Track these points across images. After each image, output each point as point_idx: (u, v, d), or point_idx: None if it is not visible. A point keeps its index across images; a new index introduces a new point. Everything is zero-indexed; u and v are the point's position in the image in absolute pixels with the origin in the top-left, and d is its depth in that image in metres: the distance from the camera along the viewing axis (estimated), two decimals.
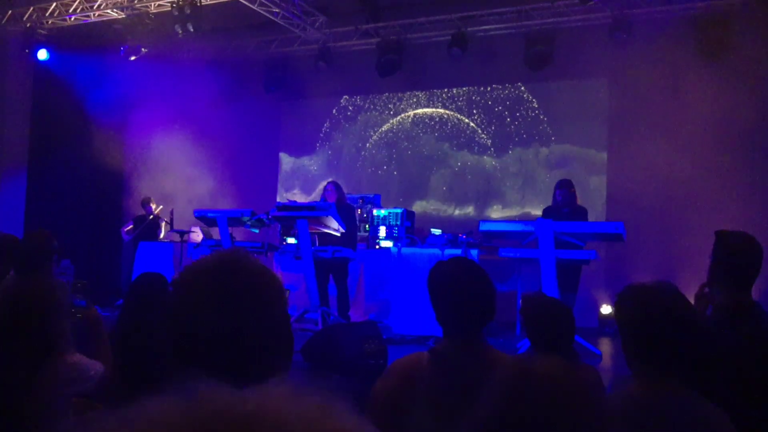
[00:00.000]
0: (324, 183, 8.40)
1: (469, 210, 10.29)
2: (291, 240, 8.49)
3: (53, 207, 10.20)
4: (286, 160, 11.70)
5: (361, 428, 0.47)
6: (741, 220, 5.69)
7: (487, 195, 10.30)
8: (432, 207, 10.57)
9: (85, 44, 10.32)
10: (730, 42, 8.20)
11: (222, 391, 0.48)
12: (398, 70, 10.16)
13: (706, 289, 2.80)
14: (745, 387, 2.46)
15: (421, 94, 10.84)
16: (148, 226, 9.84)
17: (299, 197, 10.94)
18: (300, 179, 11.56)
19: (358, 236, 8.68)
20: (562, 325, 2.79)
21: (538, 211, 8.43)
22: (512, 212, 9.92)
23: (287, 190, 11.47)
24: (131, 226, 10.00)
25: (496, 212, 10.08)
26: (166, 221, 9.67)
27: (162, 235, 9.93)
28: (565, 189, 7.41)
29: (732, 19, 8.21)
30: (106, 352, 3.13)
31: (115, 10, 9.82)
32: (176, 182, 10.39)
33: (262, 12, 9.47)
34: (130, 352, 3.34)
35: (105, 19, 10.06)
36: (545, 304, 2.87)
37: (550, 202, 7.79)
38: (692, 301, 2.08)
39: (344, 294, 7.65)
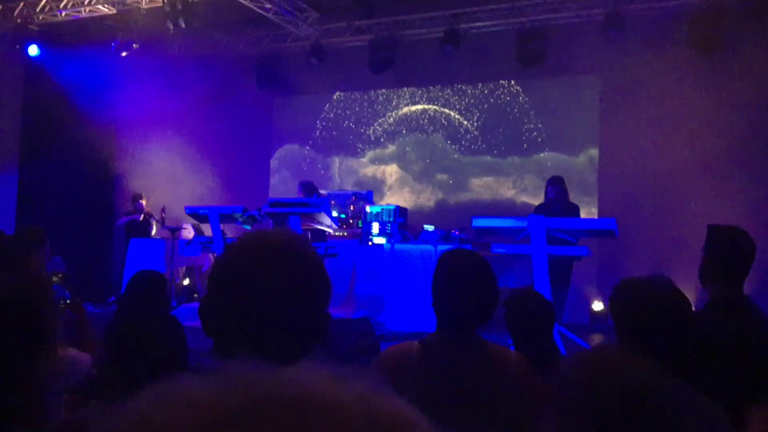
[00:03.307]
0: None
1: (462, 205, 10.29)
2: None
3: (45, 203, 10.13)
4: (278, 155, 11.67)
5: (410, 411, 0.46)
6: (733, 216, 5.71)
7: (479, 190, 10.30)
8: (425, 203, 10.57)
9: (76, 40, 10.24)
10: (722, 38, 8.23)
11: (265, 370, 0.46)
12: (391, 66, 10.15)
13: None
14: (737, 381, 2.46)
15: (413, 91, 10.83)
16: (140, 223, 9.80)
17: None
18: (292, 173, 11.53)
19: (352, 232, 8.68)
20: (540, 319, 2.80)
21: (530, 208, 8.45)
22: (504, 207, 9.92)
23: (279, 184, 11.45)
24: (127, 221, 9.98)
25: (488, 207, 10.08)
26: (157, 219, 9.63)
27: (153, 232, 9.89)
28: (557, 185, 7.44)
29: (724, 15, 8.24)
30: (92, 344, 3.12)
31: (106, 5, 9.75)
32: (167, 178, 10.35)
33: (254, 8, 9.43)
34: (126, 349, 3.33)
35: (96, 14, 9.99)
36: (524, 298, 2.89)
37: (542, 199, 7.82)
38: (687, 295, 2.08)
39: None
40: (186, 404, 0.43)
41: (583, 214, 8.22)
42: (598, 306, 8.67)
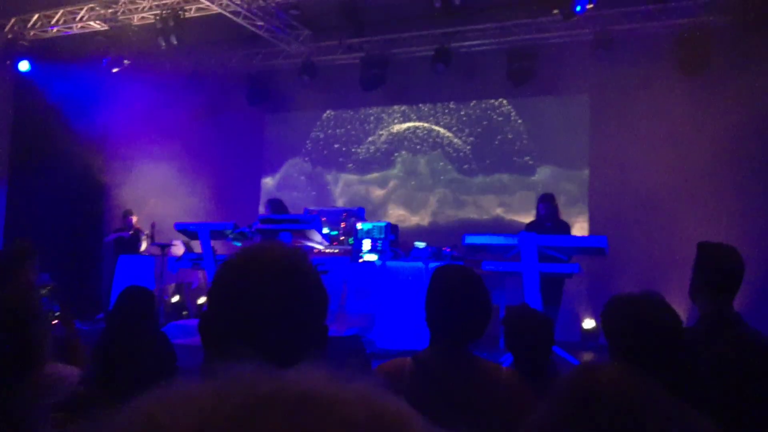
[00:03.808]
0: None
1: (452, 223, 10.30)
2: None
3: (33, 219, 10.07)
4: (270, 172, 11.66)
5: (409, 410, 0.47)
6: (723, 233, 5.75)
7: (469, 208, 10.32)
8: (415, 220, 10.58)
9: (68, 56, 10.24)
10: (710, 58, 8.35)
11: (266, 372, 0.47)
12: (382, 84, 10.20)
13: None
14: (727, 397, 2.47)
15: (404, 109, 10.88)
16: (128, 240, 9.75)
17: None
18: (283, 189, 11.53)
19: (342, 249, 8.67)
20: (541, 335, 2.80)
21: (520, 225, 8.47)
22: (495, 225, 9.94)
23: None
24: (115, 237, 9.93)
25: (478, 226, 10.09)
26: (147, 234, 9.57)
27: (143, 248, 9.83)
28: (547, 202, 7.47)
29: (711, 35, 8.36)
30: (81, 357, 3.09)
31: (98, 22, 9.76)
32: (157, 195, 10.31)
33: (246, 25, 9.48)
34: (115, 365, 3.30)
35: (88, 30, 10.00)
36: (525, 315, 2.89)
37: (533, 216, 7.84)
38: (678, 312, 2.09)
39: None
40: (190, 403, 0.43)
41: (574, 232, 8.25)
42: (589, 324, 8.67)
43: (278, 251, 1.19)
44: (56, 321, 3.42)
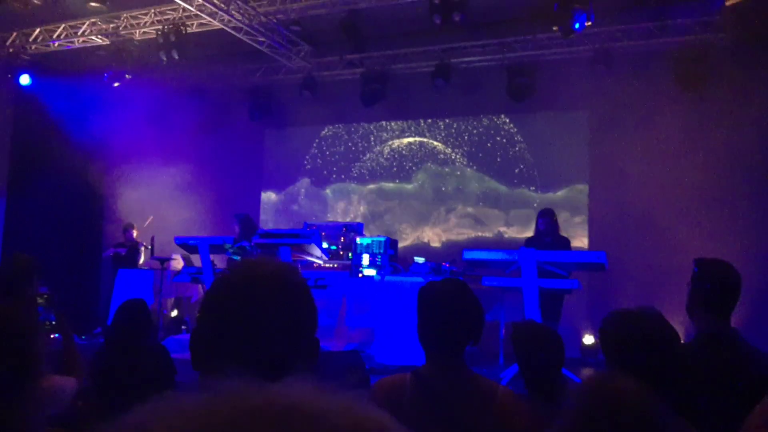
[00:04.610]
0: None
1: (452, 238, 10.31)
2: None
3: (33, 232, 10.07)
4: (268, 188, 11.68)
5: (391, 421, 0.49)
6: (720, 249, 5.75)
7: (468, 224, 10.33)
8: (415, 235, 10.58)
9: (69, 70, 10.30)
10: (707, 75, 8.40)
11: (255, 386, 0.48)
12: (382, 99, 10.25)
13: None
14: (724, 411, 2.46)
15: (404, 124, 10.92)
16: (128, 253, 9.74)
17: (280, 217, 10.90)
18: (283, 205, 11.54)
19: (342, 264, 8.66)
20: (552, 351, 2.79)
21: (519, 241, 8.47)
22: (495, 241, 9.95)
23: (273, 214, 11.44)
24: (112, 253, 9.91)
25: (477, 241, 10.10)
26: (146, 246, 9.56)
27: (141, 261, 9.82)
28: (547, 218, 7.47)
29: (708, 53, 8.42)
30: (78, 366, 3.07)
31: (99, 36, 9.82)
32: (158, 209, 10.31)
33: (247, 41, 9.53)
34: (114, 379, 3.28)
35: (89, 45, 10.06)
36: (536, 331, 2.88)
37: (532, 232, 7.84)
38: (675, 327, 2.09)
39: None
40: (181, 416, 0.45)
41: (573, 247, 8.24)
42: (588, 340, 8.64)
43: (268, 266, 1.19)
44: (54, 333, 3.40)
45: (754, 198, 8.19)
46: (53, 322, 3.40)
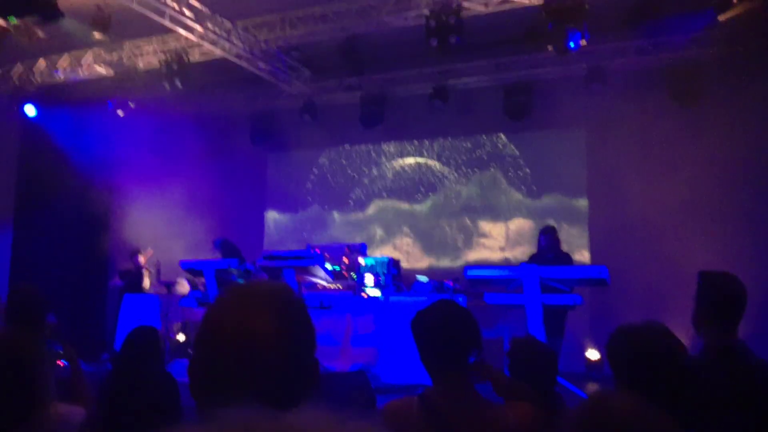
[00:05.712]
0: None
1: (454, 257, 10.38)
2: None
3: (39, 259, 10.14)
4: (272, 211, 11.77)
5: None
6: (722, 261, 5.80)
7: (470, 243, 10.40)
8: (417, 253, 10.64)
9: (73, 100, 10.43)
10: (701, 90, 8.53)
11: (267, 415, 0.47)
12: (381, 121, 10.39)
13: None
14: (732, 426, 2.47)
15: (404, 145, 11.04)
16: (134, 277, 9.79)
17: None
18: (286, 228, 11.62)
19: (346, 284, 8.71)
20: (544, 366, 2.83)
21: (521, 258, 8.53)
22: (496, 259, 10.01)
23: (276, 239, 11.51)
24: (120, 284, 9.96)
25: (480, 260, 10.17)
26: (151, 271, 9.62)
27: (146, 285, 9.87)
28: (549, 234, 7.55)
29: (702, 69, 8.56)
30: (85, 396, 3.09)
31: (103, 66, 9.96)
32: (163, 234, 10.38)
33: (248, 67, 9.68)
34: (121, 407, 3.31)
35: (94, 76, 10.20)
36: (529, 347, 2.93)
37: (533, 250, 7.91)
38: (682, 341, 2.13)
39: None
40: None
41: (575, 262, 8.30)
42: (593, 354, 8.67)
43: (261, 288, 1.18)
44: (61, 361, 3.43)
45: (751, 209, 8.26)
46: (60, 351, 3.44)
